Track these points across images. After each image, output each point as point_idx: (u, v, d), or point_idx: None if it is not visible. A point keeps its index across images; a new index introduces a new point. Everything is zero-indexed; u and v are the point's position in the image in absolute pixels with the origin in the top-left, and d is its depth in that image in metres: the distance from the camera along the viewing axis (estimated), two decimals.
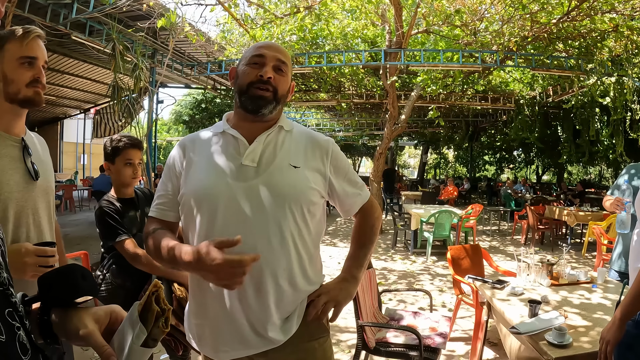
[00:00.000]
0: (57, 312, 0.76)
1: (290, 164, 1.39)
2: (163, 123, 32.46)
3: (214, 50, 9.72)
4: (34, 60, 1.47)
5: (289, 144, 1.45)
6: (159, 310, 0.76)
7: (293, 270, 1.35)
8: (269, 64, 1.38)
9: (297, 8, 7.30)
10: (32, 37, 1.46)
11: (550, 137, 16.93)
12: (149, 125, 9.44)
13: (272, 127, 1.44)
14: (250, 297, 1.30)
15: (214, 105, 13.39)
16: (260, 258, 1.16)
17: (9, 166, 1.45)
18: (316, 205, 1.43)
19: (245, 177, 1.34)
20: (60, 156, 20.97)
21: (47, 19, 6.75)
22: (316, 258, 1.48)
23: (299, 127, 1.57)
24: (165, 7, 7.34)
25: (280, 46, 1.51)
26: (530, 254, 3.38)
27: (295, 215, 1.35)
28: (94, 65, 11.87)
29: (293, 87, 1.54)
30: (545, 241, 9.24)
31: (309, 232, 1.40)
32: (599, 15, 7.63)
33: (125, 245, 2.18)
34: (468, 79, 11.58)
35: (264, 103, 1.37)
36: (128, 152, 2.32)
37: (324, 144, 1.50)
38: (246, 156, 1.37)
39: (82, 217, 11.46)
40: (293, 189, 1.36)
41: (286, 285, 1.34)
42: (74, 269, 0.76)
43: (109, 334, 0.77)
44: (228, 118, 1.50)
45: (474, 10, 7.95)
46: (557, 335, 2.10)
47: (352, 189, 1.55)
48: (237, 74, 1.44)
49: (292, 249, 1.35)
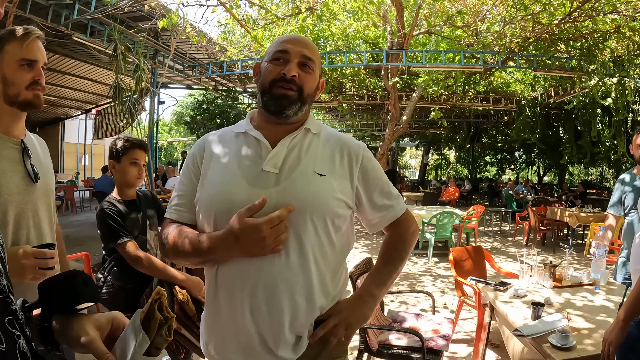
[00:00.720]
0: (58, 318, 0.75)
1: (315, 171, 1.26)
2: (164, 124, 32.50)
3: (216, 51, 9.74)
4: (33, 62, 1.46)
5: (316, 149, 1.32)
6: (161, 318, 0.75)
7: (312, 287, 1.23)
8: (293, 61, 1.27)
9: (298, 9, 7.30)
10: (31, 38, 1.45)
11: (552, 138, 16.92)
12: (150, 126, 9.44)
13: (298, 130, 1.32)
14: (263, 311, 1.20)
15: (216, 106, 13.38)
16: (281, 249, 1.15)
17: (9, 168, 1.44)
18: (342, 218, 1.29)
19: (265, 184, 1.23)
20: (61, 157, 20.97)
21: (49, 20, 6.76)
22: (340, 273, 1.35)
23: (328, 130, 1.43)
24: (167, 8, 7.35)
25: (307, 40, 1.37)
26: (532, 255, 3.36)
27: (318, 228, 1.23)
28: (95, 66, 11.88)
29: (323, 84, 1.41)
30: (547, 242, 9.21)
31: (332, 246, 1.28)
32: (600, 16, 7.63)
33: (127, 248, 2.17)
34: (469, 80, 11.57)
35: (288, 103, 1.26)
36: (135, 152, 2.34)
37: (354, 149, 1.36)
38: (268, 161, 1.25)
39: (84, 217, 11.46)
40: (316, 199, 1.23)
41: (303, 302, 1.22)
42: (75, 275, 0.75)
43: (110, 341, 0.76)
44: (252, 117, 1.39)
45: (475, 11, 7.94)
46: (561, 337, 2.09)
47: (384, 200, 1.37)
48: (260, 71, 1.33)
49: (312, 264, 1.23)
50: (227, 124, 12.99)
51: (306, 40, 1.35)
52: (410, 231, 1.43)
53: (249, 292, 1.19)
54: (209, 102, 13.59)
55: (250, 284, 1.19)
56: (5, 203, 1.41)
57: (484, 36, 8.79)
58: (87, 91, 15.46)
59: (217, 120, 12.90)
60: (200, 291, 2.24)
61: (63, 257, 1.79)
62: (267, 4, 7.97)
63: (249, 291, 1.19)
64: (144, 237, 2.37)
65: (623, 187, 3.26)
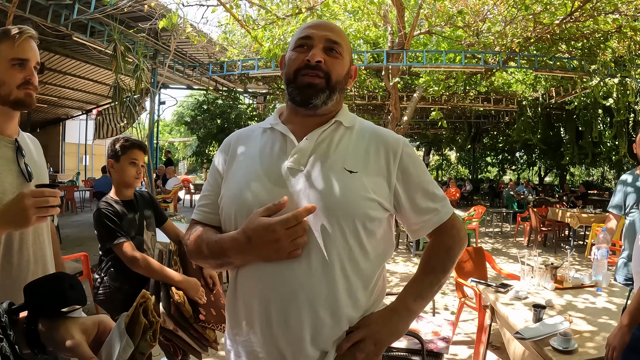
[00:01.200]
0: (44, 321, 0.73)
1: (345, 168, 1.14)
2: (165, 124, 32.55)
3: (216, 52, 9.72)
4: (25, 61, 1.46)
5: (347, 144, 1.20)
6: (146, 322, 0.73)
7: (338, 299, 1.09)
8: (317, 46, 1.17)
9: (298, 9, 7.28)
10: (23, 38, 1.44)
11: (553, 139, 16.91)
12: (151, 126, 9.42)
13: (328, 123, 1.21)
14: (279, 323, 1.08)
15: (216, 107, 13.37)
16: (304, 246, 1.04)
17: (3, 167, 1.44)
18: (376, 222, 1.14)
19: (288, 183, 1.13)
20: (62, 157, 20.98)
21: (49, 20, 6.76)
22: (375, 284, 1.19)
23: (364, 123, 1.30)
24: (167, 8, 7.33)
25: (333, 24, 1.27)
26: (534, 257, 3.34)
27: (346, 233, 1.09)
28: (95, 66, 11.88)
29: (355, 70, 1.30)
30: (548, 243, 9.19)
31: (364, 254, 1.13)
32: (602, 16, 7.60)
33: (123, 248, 2.16)
34: (470, 80, 11.55)
35: (314, 92, 1.15)
36: (134, 152, 2.34)
37: (392, 143, 1.21)
38: (292, 157, 1.16)
39: (84, 218, 11.45)
40: (344, 200, 1.09)
41: (327, 317, 1.08)
42: (61, 277, 0.73)
43: (97, 344, 0.74)
44: (281, 111, 1.30)
45: (476, 11, 7.92)
46: (562, 340, 2.07)
47: (427, 202, 1.22)
48: (285, 61, 1.24)
49: (338, 274, 1.09)
50: (228, 124, 13.10)
51: (331, 24, 1.25)
52: (457, 237, 1.27)
53: (264, 301, 1.09)
54: (210, 102, 13.58)
55: (267, 291, 1.09)
56: (1, 202, 1.39)
57: (484, 36, 8.76)
58: (88, 91, 15.46)
59: (217, 121, 12.89)
60: (197, 292, 2.23)
61: (58, 257, 1.77)
62: (267, 4, 7.95)
63: (265, 299, 1.09)
64: (141, 238, 2.36)
65: (625, 188, 3.25)
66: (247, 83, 12.81)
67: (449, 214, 1.25)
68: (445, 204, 1.26)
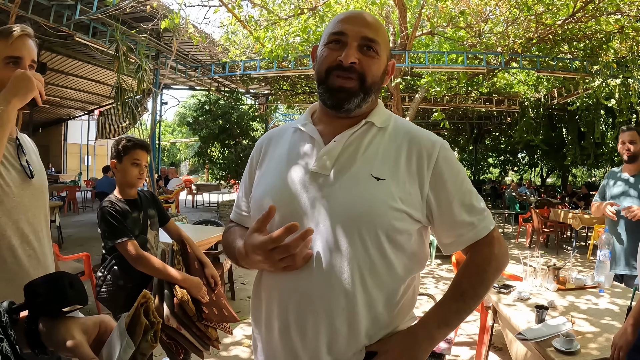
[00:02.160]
0: (44, 321, 0.72)
1: (372, 175, 1.05)
2: (167, 124, 32.63)
3: (218, 52, 9.75)
4: (19, 60, 1.45)
5: (377, 147, 1.11)
6: (147, 323, 0.72)
7: (357, 312, 1.03)
8: (351, 44, 1.07)
9: (300, 9, 7.28)
10: (17, 36, 1.44)
11: (555, 140, 16.87)
12: (153, 127, 9.44)
13: (359, 124, 1.12)
14: (297, 331, 1.05)
15: (218, 107, 13.38)
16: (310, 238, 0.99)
17: (6, 163, 1.45)
18: (404, 234, 1.06)
19: (312, 188, 1.07)
20: (64, 157, 21.04)
21: (51, 20, 6.78)
22: (400, 299, 1.10)
23: (399, 122, 1.19)
24: (169, 9, 7.36)
25: (369, 16, 1.14)
26: (536, 258, 3.33)
27: (367, 244, 1.02)
28: (97, 67, 11.93)
29: (393, 66, 1.19)
30: (550, 244, 9.17)
31: (388, 268, 1.05)
32: (604, 16, 7.59)
33: (128, 247, 2.17)
34: (472, 81, 11.54)
35: (346, 96, 1.08)
36: (137, 152, 2.35)
37: (426, 145, 1.10)
38: (317, 161, 1.09)
39: (86, 218, 11.46)
40: (366, 209, 1.02)
41: (344, 328, 1.03)
42: (62, 276, 0.72)
43: (98, 344, 0.74)
44: (313, 110, 1.23)
45: (478, 11, 7.91)
46: (565, 341, 2.05)
47: (462, 215, 1.09)
48: (317, 56, 1.14)
49: (358, 287, 1.02)
50: (230, 125, 13.06)
51: (368, 17, 1.13)
52: (493, 260, 1.12)
53: (283, 307, 1.06)
54: (212, 103, 13.59)
55: (285, 297, 1.06)
56: (2, 196, 1.41)
57: (487, 37, 8.76)
58: (90, 92, 15.52)
59: (219, 121, 12.89)
60: (200, 291, 2.24)
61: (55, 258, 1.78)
62: (269, 4, 7.96)
63: (284, 305, 1.06)
64: (145, 237, 2.38)
65: (608, 180, 3.48)
66: (249, 84, 12.82)
67: (487, 230, 1.12)
68: (484, 218, 1.13)
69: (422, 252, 1.14)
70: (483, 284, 1.11)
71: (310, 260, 1.03)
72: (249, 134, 13.59)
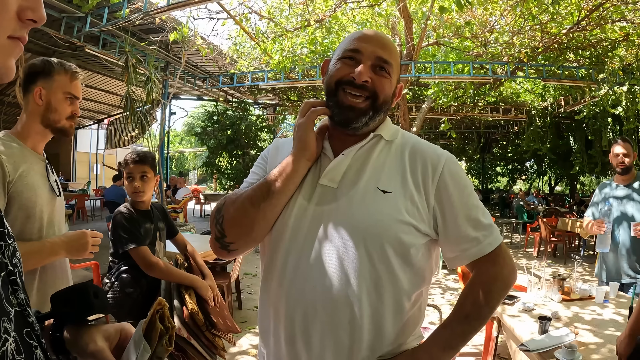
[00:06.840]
0: (69, 329, 0.78)
1: (379, 188, 1.06)
2: (175, 134, 32.87)
3: (226, 63, 9.85)
4: (76, 98, 1.65)
5: (384, 160, 1.11)
6: (162, 328, 0.78)
7: (361, 326, 1.03)
8: (366, 63, 1.07)
9: (307, 21, 7.37)
10: (78, 77, 1.66)
11: (563, 148, 16.82)
12: (161, 137, 9.55)
13: (368, 137, 1.12)
14: (302, 342, 1.05)
15: (226, 118, 13.51)
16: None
17: (39, 182, 1.59)
18: (412, 248, 1.05)
19: (319, 201, 1.08)
20: (73, 166, 21.24)
21: (61, 32, 6.91)
22: (405, 314, 1.08)
23: (407, 136, 1.19)
24: (178, 21, 7.47)
25: (385, 37, 1.16)
26: (542, 268, 3.35)
27: (374, 258, 1.02)
28: (107, 77, 12.08)
29: (401, 89, 1.20)
30: (558, 253, 9.12)
31: (394, 282, 1.04)
32: (609, 24, 7.60)
33: (143, 252, 2.25)
34: (479, 91, 11.56)
35: (355, 115, 1.08)
36: (129, 167, 2.42)
37: (432, 158, 1.10)
38: (326, 173, 1.09)
39: (94, 226, 11.48)
40: (372, 222, 1.02)
41: (347, 341, 1.03)
42: (87, 287, 0.78)
43: (119, 351, 0.79)
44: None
45: (484, 21, 7.96)
46: (567, 352, 2.07)
47: (467, 229, 1.08)
48: (328, 68, 1.14)
49: (364, 301, 1.02)
50: (238, 135, 13.17)
51: (384, 38, 1.14)
52: (498, 279, 1.10)
53: (289, 318, 1.06)
54: (220, 113, 13.72)
55: (291, 308, 1.06)
56: (40, 213, 1.57)
57: (492, 47, 8.79)
58: (100, 101, 15.70)
59: (227, 132, 13.00)
60: (207, 292, 2.35)
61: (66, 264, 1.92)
62: (276, 17, 8.07)
63: (290, 317, 1.06)
64: (154, 248, 2.43)
65: (600, 192, 3.45)
66: (257, 94, 12.93)
67: (491, 247, 1.09)
68: (490, 234, 1.10)
69: (429, 267, 1.13)
70: (488, 305, 1.08)
71: (316, 271, 1.04)
72: (257, 144, 13.69)
